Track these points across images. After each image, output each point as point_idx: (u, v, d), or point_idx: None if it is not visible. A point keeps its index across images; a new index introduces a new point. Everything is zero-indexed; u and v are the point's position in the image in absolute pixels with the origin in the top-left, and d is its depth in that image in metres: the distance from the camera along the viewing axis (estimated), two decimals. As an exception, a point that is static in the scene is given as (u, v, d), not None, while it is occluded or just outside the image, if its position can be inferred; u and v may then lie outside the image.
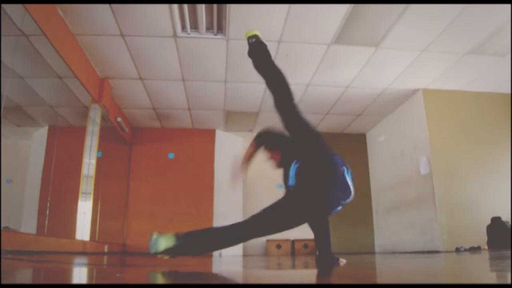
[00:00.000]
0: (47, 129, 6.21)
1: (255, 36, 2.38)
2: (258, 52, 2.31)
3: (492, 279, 1.26)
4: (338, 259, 2.48)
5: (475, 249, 4.73)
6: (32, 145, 6.36)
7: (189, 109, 6.36)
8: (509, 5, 3.70)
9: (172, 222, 6.53)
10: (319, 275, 1.66)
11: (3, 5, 3.16)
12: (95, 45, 4.43)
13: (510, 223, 4.69)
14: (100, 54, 4.63)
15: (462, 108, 5.61)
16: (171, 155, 7.07)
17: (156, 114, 6.57)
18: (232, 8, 3.79)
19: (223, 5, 3.76)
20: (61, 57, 3.94)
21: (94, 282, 1.34)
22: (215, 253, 6.47)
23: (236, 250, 6.66)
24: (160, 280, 1.45)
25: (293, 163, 2.17)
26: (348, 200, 2.10)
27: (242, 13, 3.88)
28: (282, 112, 2.15)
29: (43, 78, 4.95)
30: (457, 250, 4.77)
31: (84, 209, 4.77)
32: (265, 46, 2.36)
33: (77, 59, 4.38)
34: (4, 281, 1.10)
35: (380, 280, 1.36)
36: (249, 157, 2.36)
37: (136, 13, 3.86)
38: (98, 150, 5.03)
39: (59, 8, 3.77)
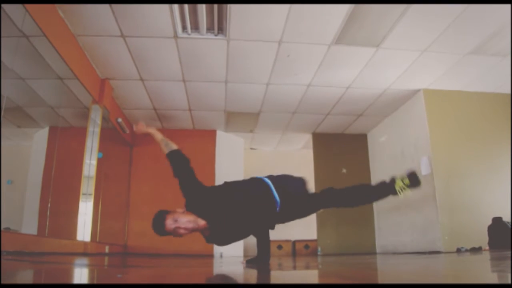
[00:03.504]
0: (47, 130, 6.20)
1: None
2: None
3: (493, 279, 1.26)
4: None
5: (476, 250, 4.72)
6: (32, 146, 6.36)
7: (189, 109, 6.36)
8: (509, 6, 3.70)
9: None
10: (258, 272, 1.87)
11: (4, 6, 3.17)
12: (95, 45, 4.43)
13: (511, 224, 4.68)
14: (100, 55, 4.64)
15: (463, 108, 5.60)
16: (172, 156, 7.05)
17: (157, 114, 6.57)
18: (232, 8, 3.79)
19: (224, 6, 3.76)
20: (61, 58, 3.94)
21: (95, 282, 1.34)
22: (216, 254, 6.47)
23: (237, 250, 6.66)
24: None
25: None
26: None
27: (242, 14, 3.88)
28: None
29: (43, 79, 4.96)
30: (458, 250, 4.76)
31: (85, 210, 4.78)
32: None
33: (77, 60, 4.38)
34: (4, 282, 1.10)
35: (381, 281, 1.36)
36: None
37: (137, 13, 3.86)
38: (99, 151, 5.03)
39: (60, 8, 3.77)
